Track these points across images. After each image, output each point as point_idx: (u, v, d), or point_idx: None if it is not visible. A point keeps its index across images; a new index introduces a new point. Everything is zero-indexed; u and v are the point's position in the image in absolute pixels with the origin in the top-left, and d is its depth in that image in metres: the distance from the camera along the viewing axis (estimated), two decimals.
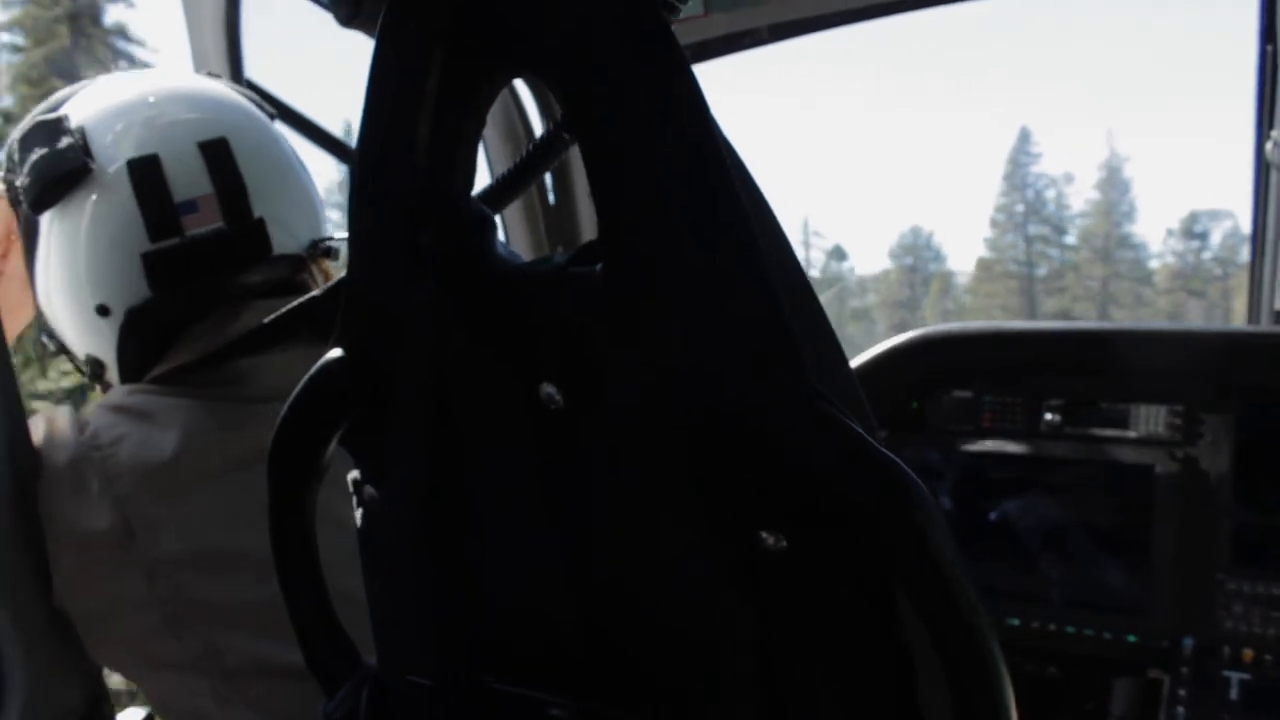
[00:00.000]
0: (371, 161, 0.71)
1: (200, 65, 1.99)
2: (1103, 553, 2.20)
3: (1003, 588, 2.27)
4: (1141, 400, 2.20)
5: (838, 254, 53.44)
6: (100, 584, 1.19)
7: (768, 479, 0.63)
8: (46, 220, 1.31)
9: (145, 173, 1.26)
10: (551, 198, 1.74)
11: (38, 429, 1.24)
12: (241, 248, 1.30)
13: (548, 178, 1.75)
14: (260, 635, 1.16)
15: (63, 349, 1.42)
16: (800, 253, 0.73)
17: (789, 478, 0.62)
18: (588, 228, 1.94)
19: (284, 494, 0.82)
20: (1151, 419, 2.18)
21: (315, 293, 1.22)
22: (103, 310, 1.30)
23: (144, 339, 1.30)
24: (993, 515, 2.29)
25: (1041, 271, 48.74)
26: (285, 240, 1.33)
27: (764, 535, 0.64)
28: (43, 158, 1.27)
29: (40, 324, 1.44)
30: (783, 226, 0.68)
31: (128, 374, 1.34)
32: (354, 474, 0.81)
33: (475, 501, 0.74)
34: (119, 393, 1.29)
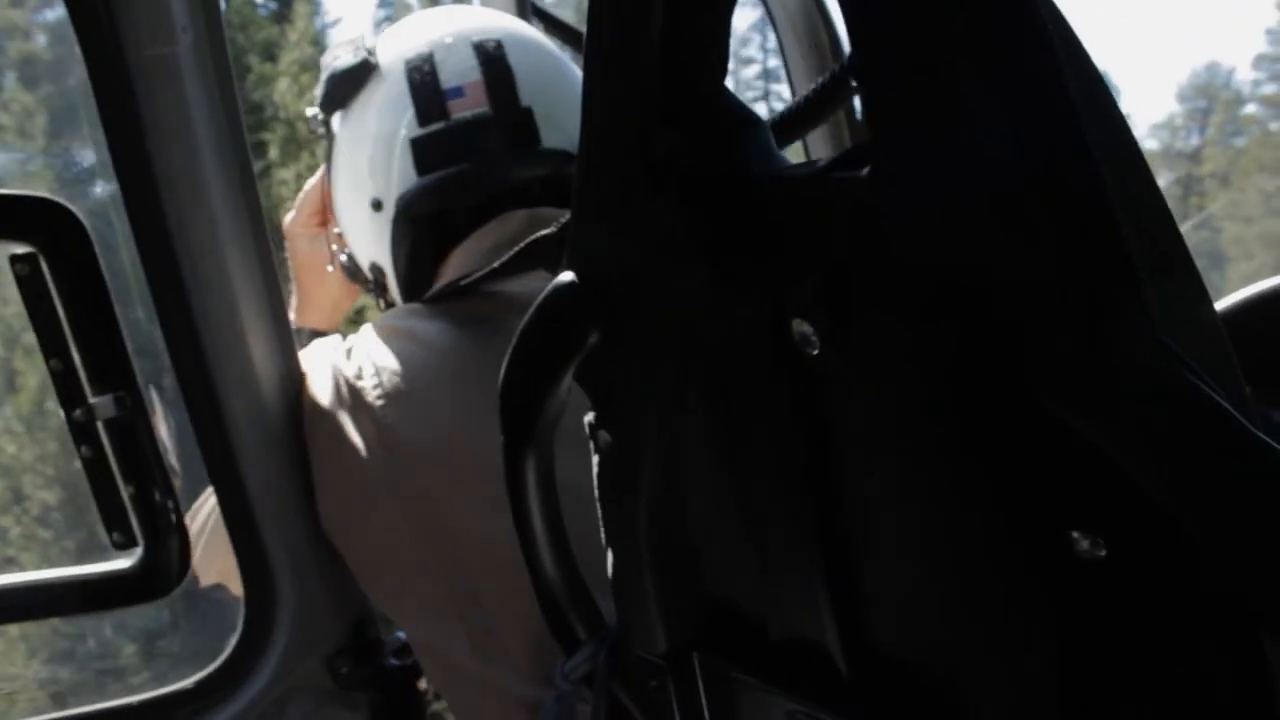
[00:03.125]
0: (600, 49, 0.59)
1: None
2: None
3: None
4: None
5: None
6: (361, 514, 1.19)
7: (1086, 464, 0.46)
8: (337, 123, 1.39)
9: (418, 65, 1.30)
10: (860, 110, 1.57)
11: (308, 359, 1.26)
12: (506, 134, 1.28)
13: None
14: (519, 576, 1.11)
15: (354, 272, 1.46)
16: None
17: (1116, 464, 0.46)
18: None
19: (518, 434, 0.73)
20: None
21: (562, 222, 1.13)
22: (376, 204, 1.32)
23: (415, 239, 1.32)
24: None
25: None
26: (553, 134, 1.29)
27: (1076, 537, 0.47)
28: (336, 67, 1.35)
29: (335, 247, 1.49)
30: (1124, 117, 0.50)
31: (404, 281, 1.36)
32: (590, 416, 0.71)
33: (713, 459, 0.62)
34: (391, 314, 1.29)
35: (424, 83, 1.29)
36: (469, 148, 1.27)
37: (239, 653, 1.23)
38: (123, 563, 1.18)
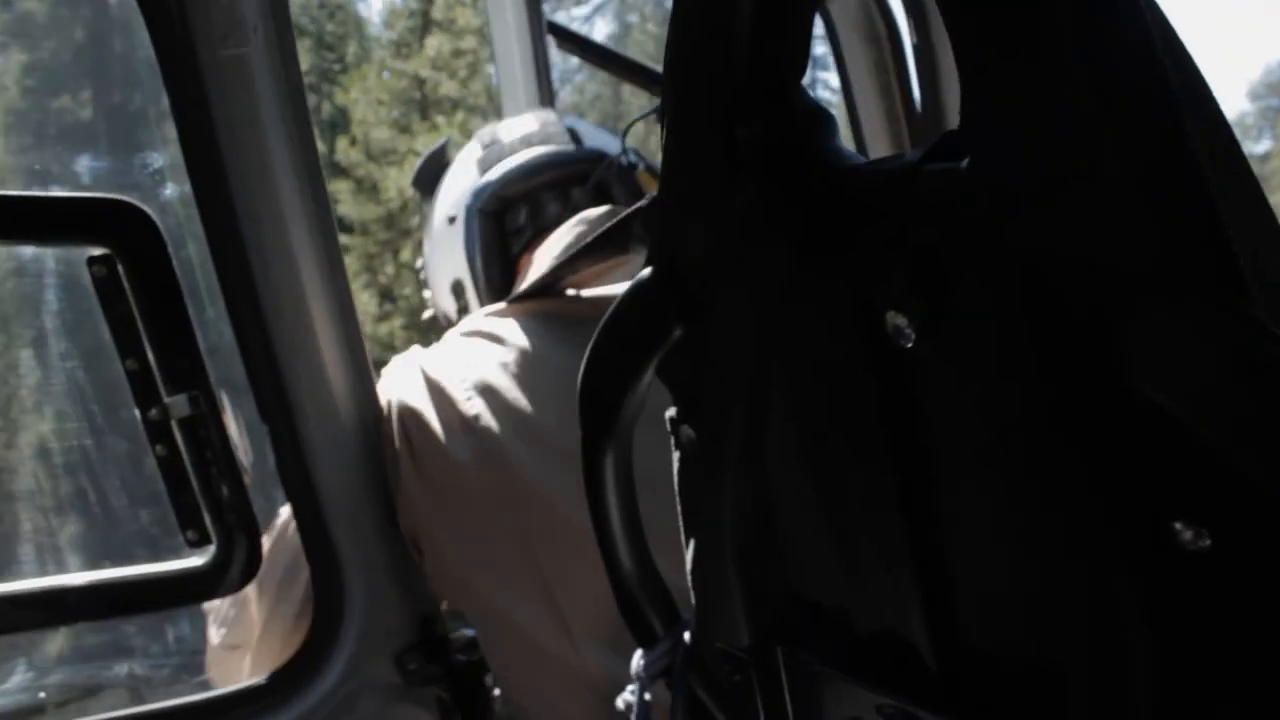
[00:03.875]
0: (686, 46, 0.59)
1: None
2: None
3: None
4: None
5: None
6: (449, 501, 1.21)
7: (1189, 453, 0.46)
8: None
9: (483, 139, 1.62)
10: (918, 101, 1.56)
11: (395, 362, 1.30)
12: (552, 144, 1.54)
13: (914, 81, 1.57)
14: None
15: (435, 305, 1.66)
16: None
17: (1219, 451, 0.45)
18: None
19: (597, 428, 0.74)
20: None
21: (635, 206, 1.19)
22: (450, 219, 1.53)
23: (486, 237, 1.48)
24: None
25: None
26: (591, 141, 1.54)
27: (1179, 528, 0.47)
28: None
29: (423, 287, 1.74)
30: (1222, 110, 0.50)
31: (481, 282, 1.50)
32: (671, 411, 0.71)
33: (799, 452, 0.62)
34: (469, 320, 1.34)
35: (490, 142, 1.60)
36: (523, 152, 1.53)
37: (309, 649, 1.24)
38: (196, 560, 1.20)
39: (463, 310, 1.55)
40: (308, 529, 1.22)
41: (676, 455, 0.71)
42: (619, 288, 1.23)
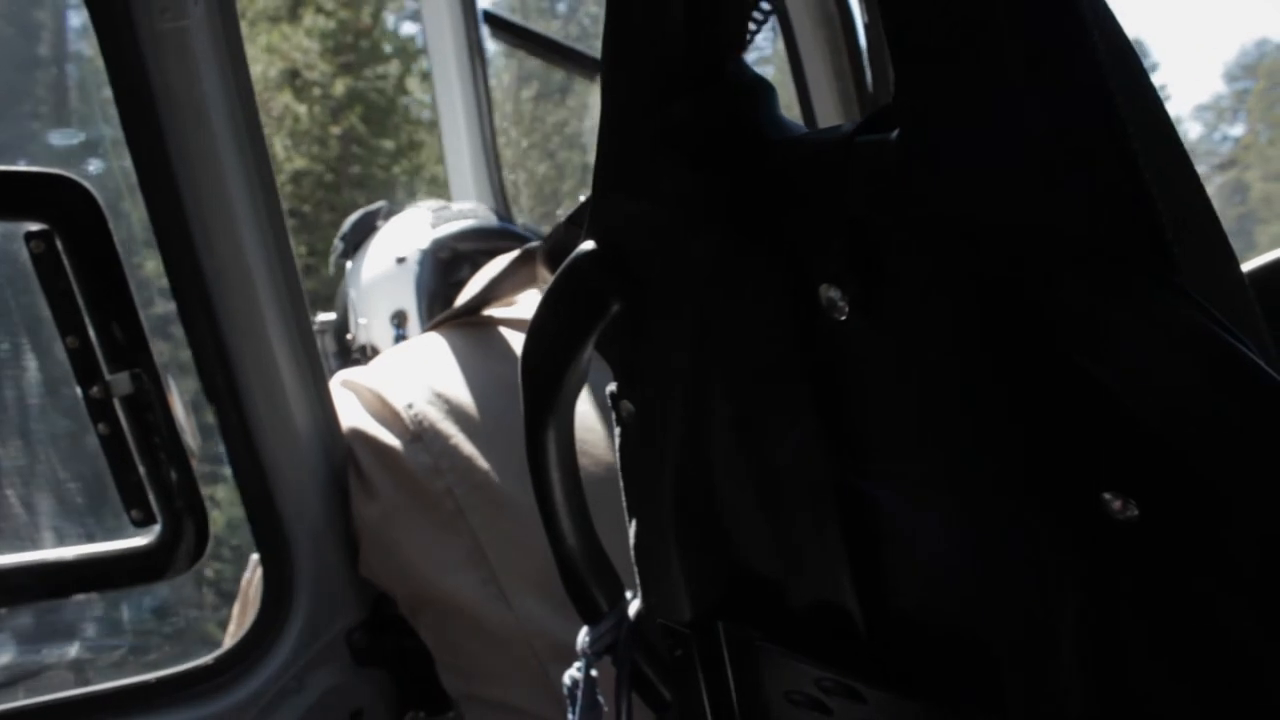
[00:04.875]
0: (623, 24, 0.59)
1: None
2: None
3: None
4: None
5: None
6: (390, 488, 1.21)
7: (1115, 420, 0.46)
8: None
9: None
10: (870, 82, 1.56)
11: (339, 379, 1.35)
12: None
13: (865, 62, 1.58)
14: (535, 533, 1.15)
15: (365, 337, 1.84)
16: None
17: (1145, 420, 0.45)
18: None
19: (539, 404, 0.73)
20: None
21: (540, 241, 1.40)
22: (401, 259, 1.75)
23: (435, 280, 1.72)
24: None
25: None
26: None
27: (1108, 498, 0.47)
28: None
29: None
30: (1153, 84, 0.50)
31: (427, 312, 1.71)
32: (611, 386, 0.71)
33: (735, 427, 0.62)
34: (407, 342, 1.46)
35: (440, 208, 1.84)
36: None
37: (259, 627, 1.23)
38: (141, 540, 1.18)
39: (400, 338, 1.75)
40: (254, 507, 1.21)
41: (617, 431, 0.71)
42: (528, 310, 1.35)
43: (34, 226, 1.04)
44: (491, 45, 2.62)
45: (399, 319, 1.77)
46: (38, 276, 1.06)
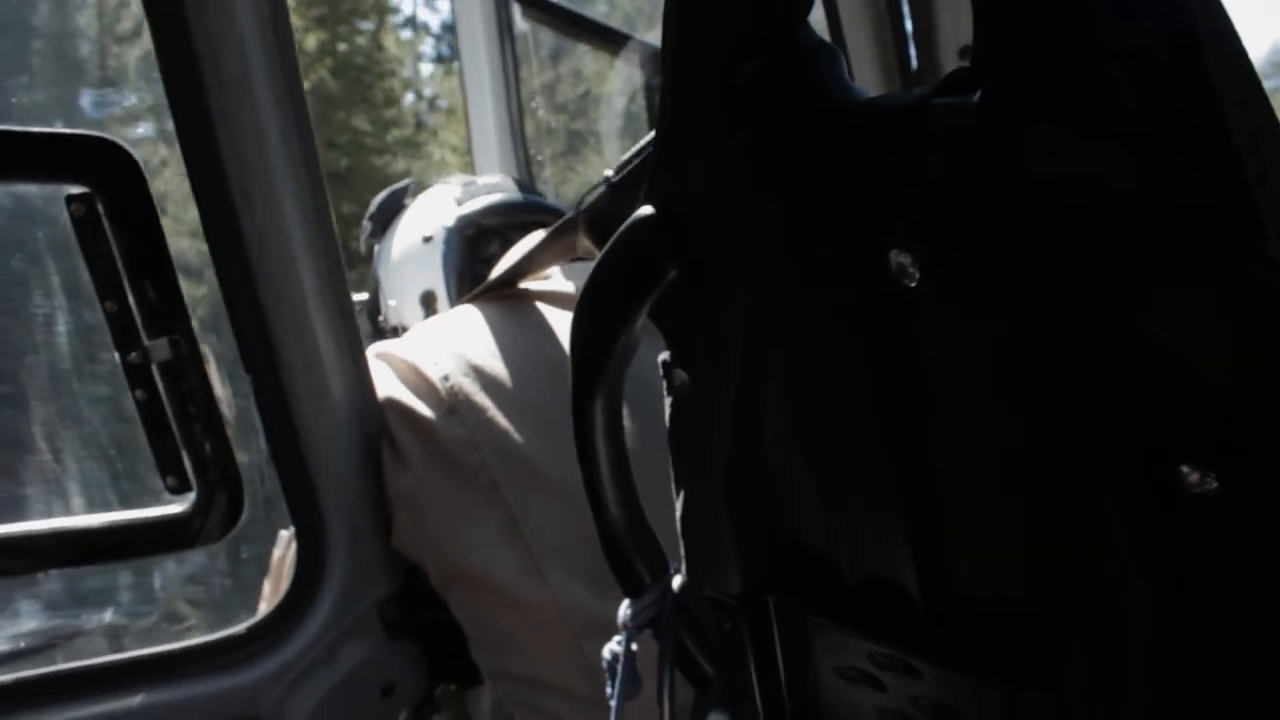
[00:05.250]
0: None
1: None
2: None
3: None
4: None
5: None
6: (424, 459, 1.20)
7: (1197, 393, 0.45)
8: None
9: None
10: (913, 55, 1.54)
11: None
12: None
13: (909, 26, 1.56)
14: (570, 507, 1.14)
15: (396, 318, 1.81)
16: None
17: (1230, 393, 0.44)
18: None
19: (588, 372, 0.72)
20: None
21: (581, 210, 1.36)
22: (427, 238, 1.72)
23: (462, 258, 1.68)
24: None
25: None
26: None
27: (1186, 471, 0.46)
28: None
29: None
30: (1245, 49, 0.48)
31: (456, 291, 1.68)
32: (664, 355, 0.70)
33: (794, 397, 0.61)
34: (442, 315, 1.44)
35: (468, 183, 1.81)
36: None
37: (291, 598, 1.23)
38: (176, 507, 1.18)
39: (431, 314, 1.72)
40: (289, 477, 1.20)
41: (669, 400, 0.70)
42: (566, 285, 1.33)
43: (75, 189, 1.04)
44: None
45: (428, 300, 1.75)
46: (78, 240, 1.06)
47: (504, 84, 2.49)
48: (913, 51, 1.57)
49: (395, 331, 1.83)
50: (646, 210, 0.65)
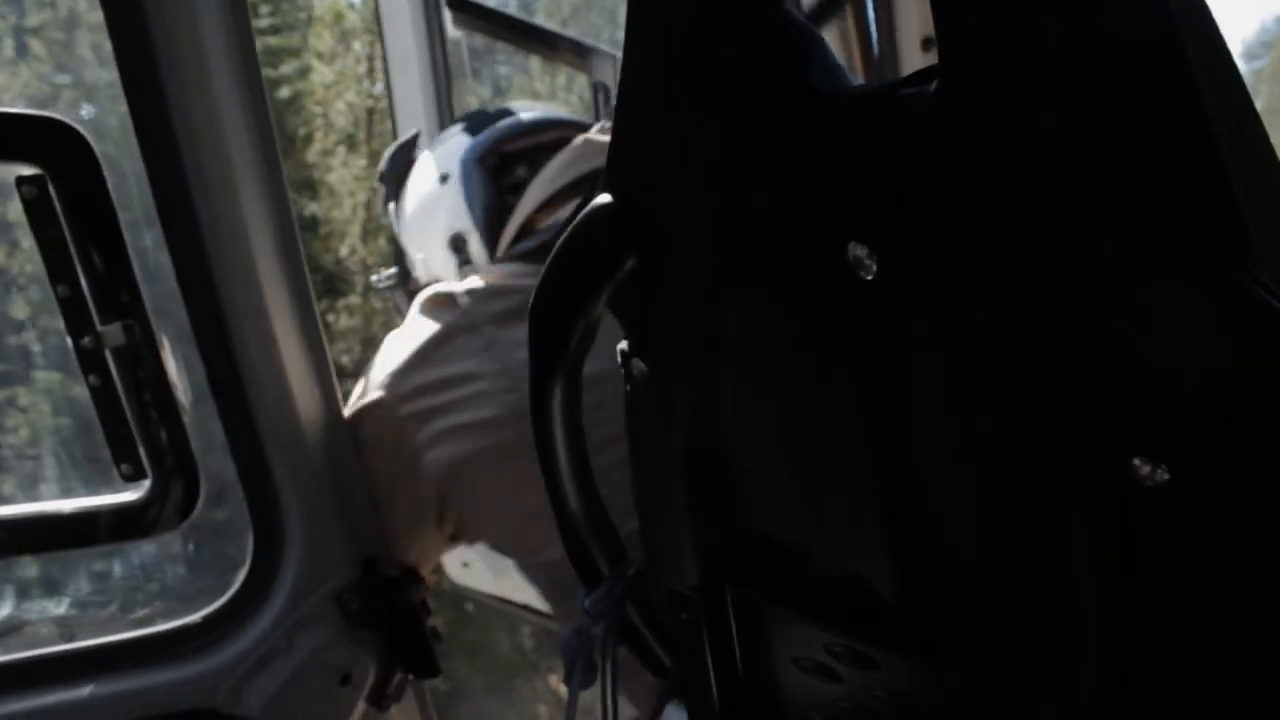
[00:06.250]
0: None
1: None
2: None
3: None
4: None
5: None
6: (391, 450, 1.20)
7: (1151, 389, 0.45)
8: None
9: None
10: (875, 45, 1.53)
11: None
12: None
13: (873, 25, 1.56)
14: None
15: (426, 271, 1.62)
16: None
17: (1186, 389, 0.44)
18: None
19: (545, 362, 0.72)
20: None
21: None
22: (444, 177, 1.54)
23: (487, 191, 1.51)
24: None
25: None
26: None
27: (1138, 464, 0.46)
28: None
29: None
30: (1229, 48, 0.48)
31: (485, 226, 1.50)
32: (622, 344, 0.69)
33: (758, 388, 0.61)
34: (475, 275, 1.39)
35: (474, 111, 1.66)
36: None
37: (248, 586, 1.22)
38: (130, 495, 1.16)
39: (464, 263, 1.54)
40: (244, 461, 1.19)
41: (627, 389, 0.69)
42: None
43: (26, 170, 1.02)
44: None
45: (457, 243, 1.55)
46: (29, 222, 1.03)
47: (436, 100, 2.36)
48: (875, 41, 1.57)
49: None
50: (604, 199, 0.64)
